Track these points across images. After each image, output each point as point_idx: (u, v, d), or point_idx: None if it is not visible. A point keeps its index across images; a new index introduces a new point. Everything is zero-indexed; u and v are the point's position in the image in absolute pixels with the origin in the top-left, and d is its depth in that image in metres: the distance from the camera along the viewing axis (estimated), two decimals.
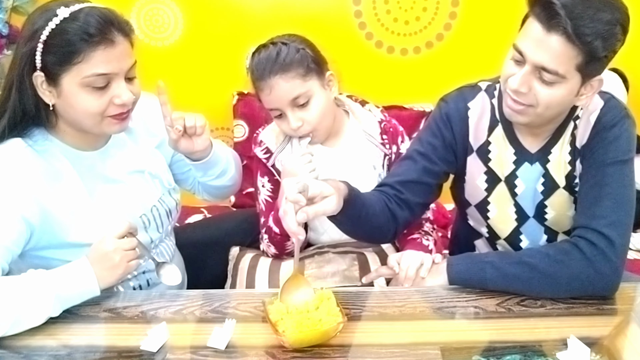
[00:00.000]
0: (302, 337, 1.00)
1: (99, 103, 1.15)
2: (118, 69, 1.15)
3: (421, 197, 1.38)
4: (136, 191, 1.32)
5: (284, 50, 1.39)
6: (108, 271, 1.13)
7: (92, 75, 1.12)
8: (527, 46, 1.14)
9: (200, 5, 2.10)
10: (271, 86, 1.38)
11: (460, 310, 1.13)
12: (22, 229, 1.12)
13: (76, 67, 1.11)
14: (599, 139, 1.24)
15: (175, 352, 1.02)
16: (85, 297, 1.13)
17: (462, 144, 1.37)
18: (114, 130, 1.22)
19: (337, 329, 1.02)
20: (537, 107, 1.18)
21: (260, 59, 1.40)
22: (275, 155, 1.50)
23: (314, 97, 1.41)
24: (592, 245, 1.15)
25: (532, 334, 1.06)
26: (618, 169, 1.21)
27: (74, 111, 1.16)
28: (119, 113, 1.18)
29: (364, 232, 1.32)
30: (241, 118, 2.11)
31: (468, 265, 1.21)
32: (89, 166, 1.25)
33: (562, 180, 1.31)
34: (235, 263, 1.55)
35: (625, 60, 2.13)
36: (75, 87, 1.13)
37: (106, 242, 1.14)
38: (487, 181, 1.37)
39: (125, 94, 1.16)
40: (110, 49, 1.13)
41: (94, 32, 1.10)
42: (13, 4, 2.00)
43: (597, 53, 1.11)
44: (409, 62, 2.17)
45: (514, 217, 1.38)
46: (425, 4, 2.12)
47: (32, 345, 1.05)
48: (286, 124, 1.42)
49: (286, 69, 1.37)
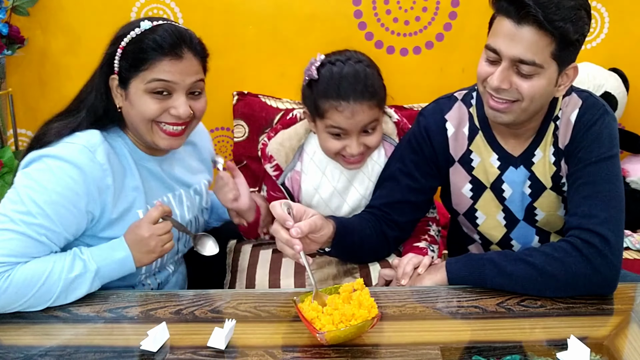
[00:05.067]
0: (340, 334, 0.99)
1: (156, 108, 1.21)
2: (179, 80, 1.20)
3: (409, 215, 1.40)
4: (181, 202, 1.38)
5: (369, 74, 1.36)
6: (144, 254, 1.21)
7: (154, 80, 1.19)
8: (500, 43, 1.16)
9: (200, 5, 2.10)
10: (354, 110, 1.33)
11: (460, 310, 1.13)
12: (83, 221, 1.19)
13: (143, 73, 1.19)
14: (581, 138, 1.25)
15: (175, 352, 1.02)
16: (123, 273, 1.22)
17: (443, 156, 1.38)
18: (163, 145, 1.25)
19: (373, 322, 1.02)
20: (523, 102, 1.19)
21: (345, 77, 1.34)
22: (285, 173, 1.49)
23: (379, 125, 1.41)
24: (588, 244, 1.15)
25: (532, 334, 1.06)
26: (603, 166, 1.21)
27: (134, 113, 1.22)
28: (172, 124, 1.23)
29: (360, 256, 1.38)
30: (241, 118, 2.11)
31: (467, 263, 1.21)
32: (149, 169, 1.31)
33: (548, 182, 1.32)
34: (233, 258, 1.55)
35: (625, 60, 2.14)
36: (140, 92, 1.20)
37: (142, 227, 1.21)
38: (473, 190, 1.38)
39: (183, 107, 1.21)
40: (176, 61, 1.19)
41: (165, 45, 1.18)
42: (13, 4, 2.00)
43: (569, 36, 1.13)
44: (409, 62, 2.17)
45: (503, 222, 1.39)
46: (425, 4, 2.12)
47: (32, 345, 1.05)
48: (342, 145, 1.38)
49: (372, 96, 1.35)
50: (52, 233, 1.14)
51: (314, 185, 1.50)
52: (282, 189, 1.49)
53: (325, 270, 1.43)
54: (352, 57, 1.39)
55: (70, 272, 1.14)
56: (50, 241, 1.14)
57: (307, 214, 1.16)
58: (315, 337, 1.00)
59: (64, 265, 1.14)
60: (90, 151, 1.17)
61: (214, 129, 2.24)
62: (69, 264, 1.14)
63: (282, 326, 1.10)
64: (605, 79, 2.04)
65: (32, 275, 1.10)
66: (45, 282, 1.11)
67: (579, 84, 1.94)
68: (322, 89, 1.36)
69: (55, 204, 1.13)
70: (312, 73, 1.38)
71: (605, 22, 2.11)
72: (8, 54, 2.03)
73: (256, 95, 2.14)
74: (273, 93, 2.16)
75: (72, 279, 1.14)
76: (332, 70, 1.36)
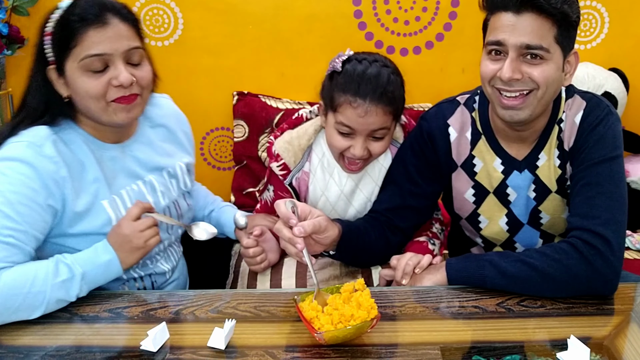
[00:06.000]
0: (338, 334, 0.99)
1: (97, 84, 1.16)
2: (112, 50, 1.16)
3: (411, 220, 1.40)
4: (153, 189, 1.33)
5: (393, 80, 1.35)
6: (129, 253, 1.19)
7: (87, 57, 1.15)
8: (503, 35, 1.16)
9: (200, 5, 2.10)
10: (368, 110, 1.32)
11: (460, 310, 1.13)
12: (47, 217, 1.16)
13: (73, 51, 1.15)
14: (585, 138, 1.24)
15: (175, 352, 1.02)
16: (110, 277, 1.19)
17: (445, 161, 1.37)
18: (121, 118, 1.21)
19: (373, 323, 1.02)
20: (538, 90, 1.18)
21: (367, 76, 1.33)
22: (293, 173, 1.48)
23: (388, 134, 1.39)
24: (589, 245, 1.15)
25: (532, 334, 1.06)
26: (607, 166, 1.21)
27: (79, 98, 1.19)
28: (122, 97, 1.19)
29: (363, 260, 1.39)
30: (241, 118, 2.11)
31: (467, 264, 1.21)
32: (110, 158, 1.27)
33: (553, 185, 1.31)
34: (237, 260, 1.55)
35: (625, 60, 2.14)
36: (77, 73, 1.16)
37: (122, 226, 1.19)
38: (475, 195, 1.37)
39: (123, 75, 1.17)
40: (101, 29, 1.15)
41: (88, 15, 1.14)
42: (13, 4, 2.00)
43: (569, 17, 1.14)
44: (409, 62, 2.17)
45: (506, 227, 1.39)
46: (425, 4, 2.12)
47: (32, 345, 1.05)
48: (347, 144, 1.38)
49: (389, 102, 1.34)
50: (19, 232, 1.11)
51: (321, 187, 1.49)
52: (290, 189, 1.49)
53: (327, 270, 1.44)
54: (379, 60, 1.38)
55: (56, 277, 1.11)
56: (18, 241, 1.11)
57: (312, 214, 1.15)
58: (314, 336, 1.00)
59: (47, 270, 1.11)
60: (37, 146, 1.15)
61: (214, 129, 2.23)
62: (52, 269, 1.11)
63: (282, 326, 1.10)
64: (605, 79, 2.04)
65: (14, 283, 1.07)
66: (31, 289, 1.08)
67: (579, 84, 1.94)
68: (342, 82, 1.35)
69: (13, 203, 1.11)
70: (336, 65, 1.37)
71: (605, 22, 2.11)
72: (8, 54, 2.02)
73: (256, 95, 2.14)
74: (273, 93, 2.16)
75: (59, 285, 1.11)
76: (356, 67, 1.35)
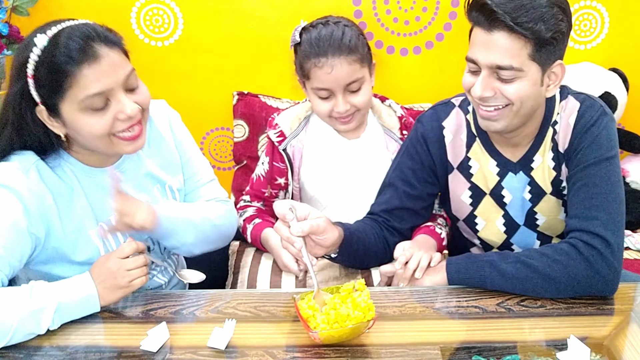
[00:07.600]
0: (334, 334, 1.00)
1: (104, 123, 1.10)
2: (111, 84, 1.09)
3: (409, 222, 1.41)
4: None
5: (347, 32, 1.41)
6: (110, 290, 1.12)
7: (87, 98, 1.08)
8: (476, 52, 1.18)
9: (200, 5, 2.10)
10: (333, 65, 1.38)
11: (460, 310, 1.13)
12: (27, 243, 1.11)
13: (69, 93, 1.07)
14: (580, 139, 1.24)
15: (175, 352, 1.02)
16: (85, 312, 1.12)
17: (441, 163, 1.38)
18: (128, 151, 1.17)
19: (369, 325, 1.02)
20: (513, 105, 1.18)
21: (323, 36, 1.40)
22: (288, 140, 1.52)
23: (365, 83, 1.44)
24: (589, 246, 1.15)
25: (532, 334, 1.06)
26: (603, 167, 1.21)
27: (82, 138, 1.13)
28: (129, 127, 1.13)
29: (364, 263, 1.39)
30: (241, 118, 2.11)
31: (467, 264, 1.21)
32: (98, 183, 1.21)
33: (548, 187, 1.32)
34: (236, 260, 1.55)
35: (625, 60, 2.14)
36: (76, 114, 1.09)
37: (110, 260, 1.13)
38: (472, 196, 1.38)
39: (128, 106, 1.11)
40: (95, 65, 1.07)
41: (74, 53, 1.05)
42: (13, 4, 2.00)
43: (542, 36, 1.12)
44: (409, 62, 2.17)
45: (503, 229, 1.39)
46: (425, 4, 2.12)
47: (32, 345, 1.05)
48: (331, 106, 1.43)
49: (351, 51, 1.39)
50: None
51: (314, 158, 1.53)
52: (284, 155, 1.52)
53: (326, 272, 1.43)
54: (330, 19, 1.45)
55: (27, 307, 1.03)
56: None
57: (311, 215, 1.15)
58: (309, 335, 1.00)
59: (19, 298, 1.03)
60: (22, 172, 1.11)
61: (214, 129, 2.23)
62: (25, 296, 1.04)
63: (282, 326, 1.10)
64: (605, 79, 2.04)
65: None
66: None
67: (579, 84, 1.94)
68: (303, 50, 1.43)
69: None
70: (295, 37, 1.45)
71: (605, 22, 2.11)
72: (8, 54, 2.02)
73: (256, 95, 2.14)
74: (273, 93, 2.16)
75: (29, 315, 1.03)
76: (311, 32, 1.43)
